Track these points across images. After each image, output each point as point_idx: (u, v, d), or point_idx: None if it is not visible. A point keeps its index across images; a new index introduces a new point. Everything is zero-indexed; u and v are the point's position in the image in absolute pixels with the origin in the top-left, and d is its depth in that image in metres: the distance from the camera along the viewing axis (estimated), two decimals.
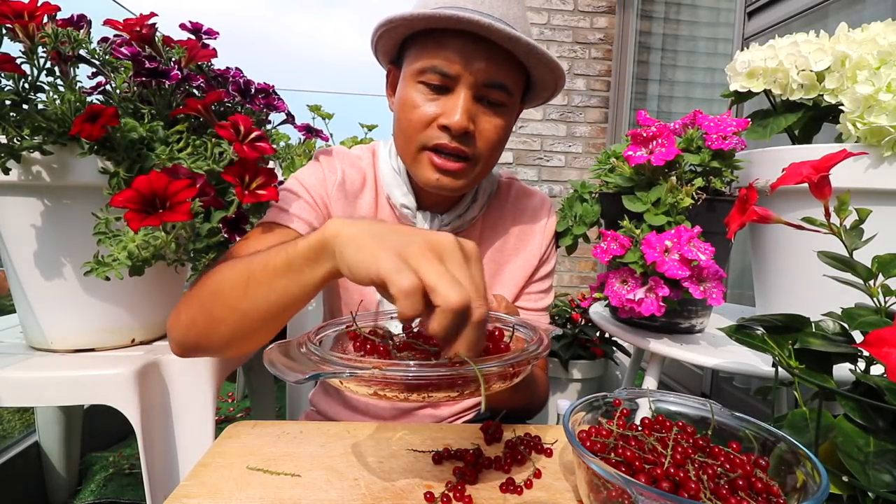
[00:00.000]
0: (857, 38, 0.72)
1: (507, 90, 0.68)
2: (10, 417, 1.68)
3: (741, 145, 0.82)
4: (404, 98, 0.70)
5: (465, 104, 0.66)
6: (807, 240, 0.50)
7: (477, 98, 0.67)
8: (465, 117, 0.65)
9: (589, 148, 2.82)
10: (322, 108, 1.31)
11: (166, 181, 0.57)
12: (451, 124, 0.65)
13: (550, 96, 0.77)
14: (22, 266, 0.74)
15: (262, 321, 0.52)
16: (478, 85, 0.66)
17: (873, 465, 0.37)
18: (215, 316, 0.54)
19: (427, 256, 0.39)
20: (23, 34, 0.65)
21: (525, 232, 0.86)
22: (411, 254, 0.39)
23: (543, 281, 0.88)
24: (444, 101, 0.67)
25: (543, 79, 0.72)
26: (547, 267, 0.88)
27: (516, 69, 0.69)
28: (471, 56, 0.65)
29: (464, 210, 0.80)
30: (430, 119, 0.67)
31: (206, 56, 0.82)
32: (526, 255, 0.85)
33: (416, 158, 0.70)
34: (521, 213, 0.86)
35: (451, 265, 0.39)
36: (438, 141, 0.67)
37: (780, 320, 0.49)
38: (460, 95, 0.66)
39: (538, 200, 0.88)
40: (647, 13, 2.64)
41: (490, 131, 0.69)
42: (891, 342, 0.34)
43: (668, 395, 0.50)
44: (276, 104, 0.95)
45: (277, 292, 0.49)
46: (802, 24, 1.58)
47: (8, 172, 0.66)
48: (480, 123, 0.68)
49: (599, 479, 0.38)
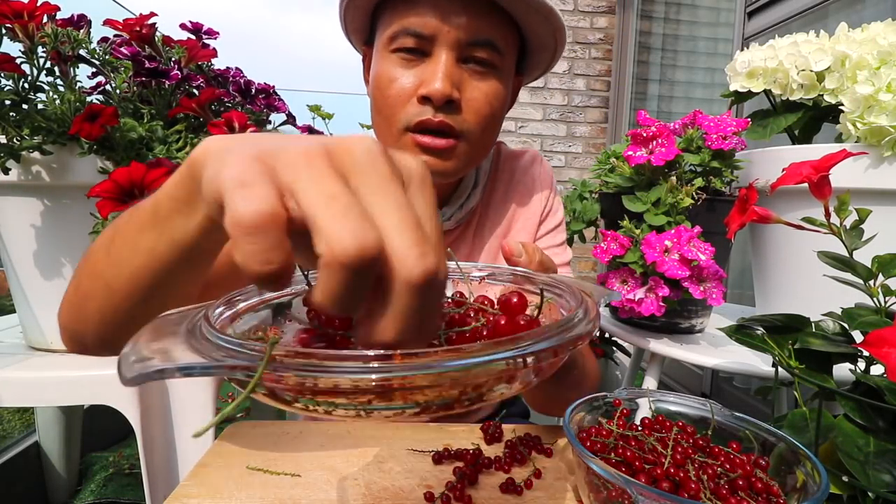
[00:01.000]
0: (857, 38, 0.72)
1: (496, 48, 0.59)
2: (10, 417, 1.68)
3: (741, 145, 0.82)
4: (378, 73, 0.60)
5: (446, 67, 0.56)
6: (807, 240, 0.50)
7: (461, 60, 0.58)
8: (446, 82, 0.56)
9: (589, 148, 2.82)
10: (322, 108, 1.31)
11: (144, 170, 0.57)
12: (430, 92, 0.56)
13: (551, 59, 0.67)
14: (22, 266, 0.74)
15: (130, 297, 0.36)
16: (460, 44, 0.57)
17: (873, 465, 0.37)
18: (82, 289, 0.40)
19: (314, 165, 0.21)
20: (22, 34, 0.65)
21: (522, 195, 0.76)
22: (285, 161, 0.21)
23: (554, 234, 0.76)
24: (423, 68, 0.58)
25: (538, 32, 0.62)
26: (553, 219, 0.77)
27: (505, 23, 0.60)
28: (447, 9, 0.56)
29: (465, 198, 0.71)
30: (410, 91, 0.58)
31: (205, 56, 0.82)
32: (527, 215, 0.75)
33: (400, 143, 0.60)
34: (515, 182, 0.77)
35: (361, 183, 0.21)
36: (421, 117, 0.57)
37: (780, 320, 0.49)
38: (440, 58, 0.57)
39: (528, 158, 0.78)
40: (647, 13, 2.64)
41: (479, 100, 0.59)
42: (891, 342, 0.34)
43: (668, 395, 0.50)
44: (277, 104, 0.95)
45: (141, 253, 0.33)
46: (802, 24, 1.58)
47: (8, 172, 0.66)
48: (467, 91, 0.59)
49: (599, 479, 0.38)
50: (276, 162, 0.21)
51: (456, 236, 0.73)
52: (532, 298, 0.33)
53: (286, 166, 0.21)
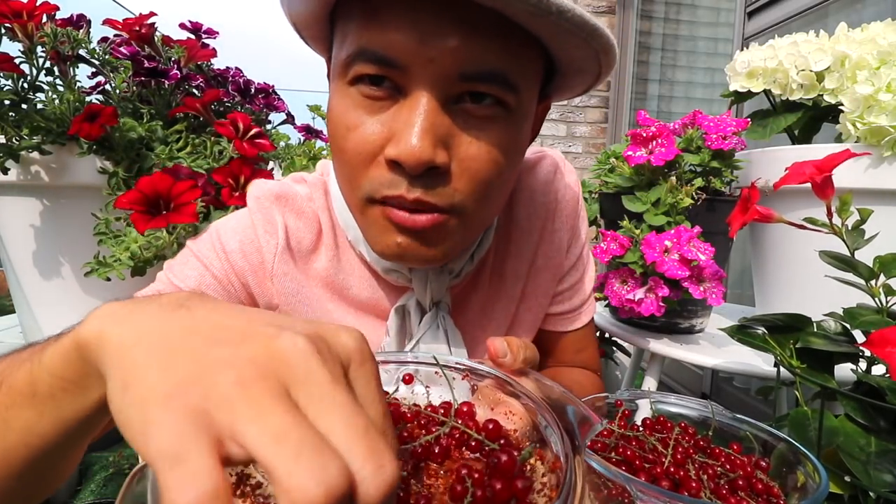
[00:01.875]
0: (856, 38, 0.72)
1: (508, 83, 0.39)
2: None
3: (741, 145, 0.82)
4: (332, 114, 0.42)
5: (427, 117, 0.37)
6: (808, 240, 0.50)
7: (451, 101, 0.39)
8: (425, 141, 0.37)
9: (589, 148, 2.82)
10: (322, 109, 1.31)
11: (170, 182, 0.57)
12: (401, 156, 0.37)
13: (594, 82, 0.46)
14: (21, 266, 0.74)
15: (13, 475, 0.28)
16: (449, 78, 0.38)
17: (875, 465, 0.37)
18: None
19: (251, 396, 0.18)
20: (22, 34, 0.65)
21: (545, 221, 0.59)
22: (218, 399, 0.18)
23: (573, 272, 0.62)
24: (394, 114, 0.39)
25: (574, 57, 0.41)
26: (575, 249, 0.62)
27: (521, 45, 0.39)
28: (429, 24, 0.36)
29: (476, 245, 0.53)
30: (374, 148, 0.40)
31: (205, 56, 0.82)
32: (550, 253, 0.60)
33: (364, 215, 0.43)
34: (537, 204, 0.59)
35: (303, 394, 0.19)
36: (390, 192, 0.40)
37: (781, 320, 0.49)
38: (419, 101, 0.38)
39: (547, 168, 0.59)
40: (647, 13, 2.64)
41: (478, 160, 0.40)
42: (893, 342, 0.34)
43: (669, 396, 0.50)
44: (276, 104, 0.95)
45: (15, 431, 0.27)
46: (802, 24, 1.58)
47: (7, 172, 0.66)
48: (460, 147, 0.40)
49: (600, 477, 0.38)
50: (208, 403, 0.18)
51: (465, 286, 0.58)
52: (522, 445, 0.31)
53: (220, 406, 0.18)
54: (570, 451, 0.27)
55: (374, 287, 0.55)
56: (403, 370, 0.35)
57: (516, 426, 0.32)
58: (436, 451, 0.28)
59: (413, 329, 0.53)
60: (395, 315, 0.53)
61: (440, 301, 0.53)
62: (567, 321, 0.64)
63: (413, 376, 0.35)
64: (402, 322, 0.54)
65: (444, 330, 0.52)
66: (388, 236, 0.42)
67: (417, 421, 0.31)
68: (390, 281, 0.53)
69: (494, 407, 0.33)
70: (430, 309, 0.53)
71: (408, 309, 0.53)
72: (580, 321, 0.65)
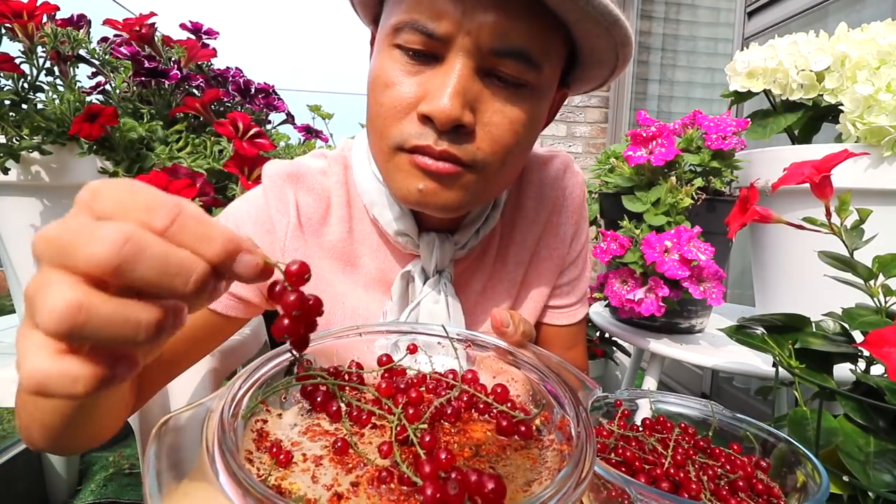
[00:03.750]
0: (856, 38, 0.72)
1: (531, 61, 0.44)
2: (10, 417, 1.68)
3: (741, 145, 0.82)
4: (374, 71, 0.47)
5: (460, 80, 0.43)
6: (807, 240, 0.50)
7: (482, 73, 0.44)
8: (456, 101, 0.42)
9: (589, 148, 2.82)
10: (322, 108, 1.31)
11: (166, 181, 0.57)
12: (433, 112, 0.43)
13: (609, 76, 0.51)
14: (21, 266, 0.74)
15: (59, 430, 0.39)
16: (482, 51, 0.43)
17: (874, 465, 0.37)
18: (23, 420, 0.42)
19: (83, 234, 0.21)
20: (22, 34, 0.65)
21: (551, 213, 0.64)
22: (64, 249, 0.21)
23: (573, 267, 0.67)
24: (430, 76, 0.44)
25: (595, 46, 0.46)
26: (577, 245, 0.66)
27: (547, 28, 0.44)
28: (470, 4, 0.42)
29: (482, 222, 0.58)
30: (409, 104, 0.45)
31: (205, 56, 0.82)
32: (554, 244, 0.64)
33: (392, 163, 0.48)
34: (544, 197, 0.63)
35: None
36: (418, 142, 0.45)
37: (780, 320, 0.49)
38: (453, 67, 0.43)
39: (558, 166, 0.64)
40: (647, 13, 2.63)
41: (500, 126, 0.45)
42: (891, 342, 0.34)
43: (669, 395, 0.50)
44: (276, 104, 0.95)
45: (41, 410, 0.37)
46: (802, 24, 1.58)
47: (7, 172, 0.66)
48: (486, 112, 0.45)
49: (599, 478, 0.38)
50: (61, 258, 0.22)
51: (469, 264, 0.61)
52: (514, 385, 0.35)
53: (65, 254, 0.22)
54: (579, 411, 0.30)
55: (384, 256, 0.58)
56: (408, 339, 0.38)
57: (518, 392, 0.35)
58: (448, 413, 0.31)
59: (417, 295, 0.56)
60: (399, 280, 0.56)
61: (444, 270, 0.57)
62: (562, 315, 0.68)
63: (417, 346, 0.38)
64: (406, 288, 0.57)
65: (444, 296, 0.56)
66: (412, 181, 0.47)
67: (426, 386, 0.34)
68: (399, 247, 0.57)
69: (496, 375, 0.37)
70: (433, 276, 0.56)
71: (412, 274, 0.56)
72: (574, 317, 0.69)
